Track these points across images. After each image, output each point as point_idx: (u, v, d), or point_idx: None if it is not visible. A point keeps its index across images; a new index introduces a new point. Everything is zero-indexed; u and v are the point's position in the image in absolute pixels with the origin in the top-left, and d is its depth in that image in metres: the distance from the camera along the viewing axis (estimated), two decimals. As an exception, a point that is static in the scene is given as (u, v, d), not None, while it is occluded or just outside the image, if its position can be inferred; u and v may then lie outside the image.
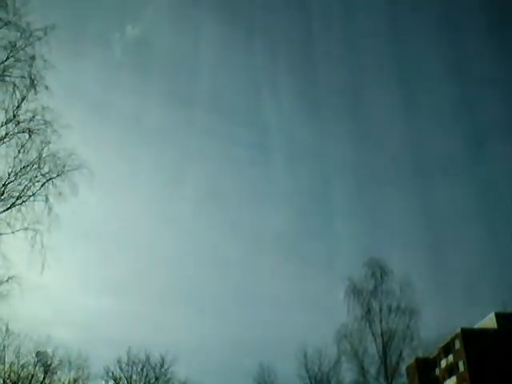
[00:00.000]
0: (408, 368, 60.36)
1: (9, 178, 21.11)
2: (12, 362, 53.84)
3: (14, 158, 20.83)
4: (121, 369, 63.28)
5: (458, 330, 62.20)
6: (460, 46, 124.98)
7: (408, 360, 51.56)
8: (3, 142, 20.94)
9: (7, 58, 19.84)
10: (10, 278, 22.02)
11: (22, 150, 20.67)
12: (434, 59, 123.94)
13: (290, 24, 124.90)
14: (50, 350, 55.87)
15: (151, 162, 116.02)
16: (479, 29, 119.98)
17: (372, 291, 48.46)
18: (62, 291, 75.54)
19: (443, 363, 65.86)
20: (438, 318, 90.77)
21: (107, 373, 62.70)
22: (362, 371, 47.53)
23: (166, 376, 63.58)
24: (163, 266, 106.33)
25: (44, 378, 56.30)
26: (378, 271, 48.77)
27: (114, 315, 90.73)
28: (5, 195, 21.15)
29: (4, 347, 52.31)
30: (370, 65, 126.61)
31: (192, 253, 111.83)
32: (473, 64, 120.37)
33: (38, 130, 20.62)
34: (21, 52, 19.62)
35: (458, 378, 62.32)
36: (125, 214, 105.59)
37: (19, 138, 20.60)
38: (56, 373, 57.63)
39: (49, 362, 56.53)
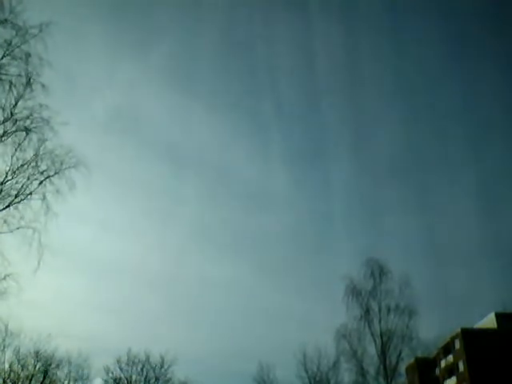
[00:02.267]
0: (408, 368, 60.29)
1: (6, 176, 21.11)
2: (12, 362, 54.03)
3: (12, 156, 20.83)
4: (121, 369, 63.47)
5: (458, 330, 62.08)
6: (460, 44, 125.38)
7: (407, 360, 51.37)
8: (1, 141, 20.97)
9: (3, 56, 19.84)
10: (7, 275, 22.04)
11: (19, 148, 20.70)
12: (433, 58, 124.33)
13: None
14: (50, 350, 56.07)
15: (142, 206, 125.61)
16: (480, 26, 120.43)
17: (371, 291, 48.41)
18: (64, 311, 78.79)
19: (443, 363, 65.75)
20: (438, 318, 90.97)
21: (107, 373, 62.89)
22: (361, 371, 47.39)
23: (165, 376, 63.72)
24: (163, 286, 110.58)
25: (44, 378, 56.36)
26: (377, 271, 48.67)
27: (114, 330, 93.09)
28: (2, 194, 21.16)
29: (4, 347, 52.51)
30: (369, 64, 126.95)
31: (194, 274, 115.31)
32: (473, 62, 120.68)
33: (35, 127, 20.65)
34: (17, 50, 19.63)
35: (457, 378, 62.19)
36: (124, 246, 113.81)
37: (16, 136, 20.63)
38: (56, 373, 57.79)
39: (49, 362, 56.64)
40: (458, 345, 62.28)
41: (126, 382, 63.36)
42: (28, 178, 21.55)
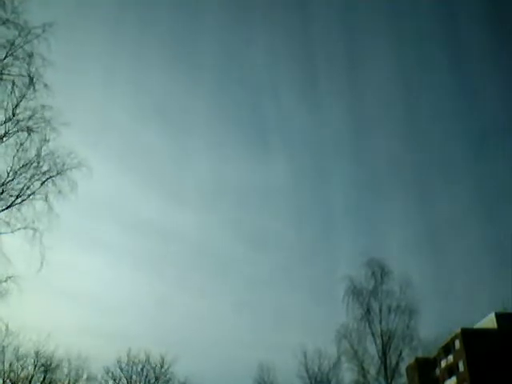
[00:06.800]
0: (408, 368, 60.28)
1: (8, 176, 21.01)
2: (12, 362, 53.84)
3: (13, 156, 20.73)
4: (121, 369, 63.30)
5: (458, 330, 62.13)
6: (461, 41, 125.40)
7: (408, 360, 51.34)
8: (2, 141, 20.84)
9: (6, 56, 19.72)
10: (8, 277, 21.91)
11: (21, 149, 20.60)
12: (434, 55, 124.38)
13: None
14: (50, 350, 55.89)
15: (134, 263, 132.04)
16: (480, 24, 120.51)
17: (372, 291, 48.34)
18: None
19: (443, 363, 65.79)
20: (438, 318, 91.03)
21: (107, 373, 62.76)
22: (362, 371, 47.34)
23: (165, 376, 63.61)
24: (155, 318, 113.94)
25: (44, 378, 56.21)
26: (378, 271, 48.58)
27: (111, 351, 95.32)
28: (4, 194, 21.05)
29: (4, 347, 52.31)
30: (369, 61, 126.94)
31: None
32: (473, 60, 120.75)
33: (37, 128, 20.56)
34: (19, 50, 19.52)
35: (458, 378, 62.23)
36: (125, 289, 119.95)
37: (18, 137, 20.54)
38: (56, 373, 57.64)
39: (49, 362, 56.48)
40: (458, 345, 62.31)
41: (125, 382, 63.29)
42: (30, 179, 21.46)
